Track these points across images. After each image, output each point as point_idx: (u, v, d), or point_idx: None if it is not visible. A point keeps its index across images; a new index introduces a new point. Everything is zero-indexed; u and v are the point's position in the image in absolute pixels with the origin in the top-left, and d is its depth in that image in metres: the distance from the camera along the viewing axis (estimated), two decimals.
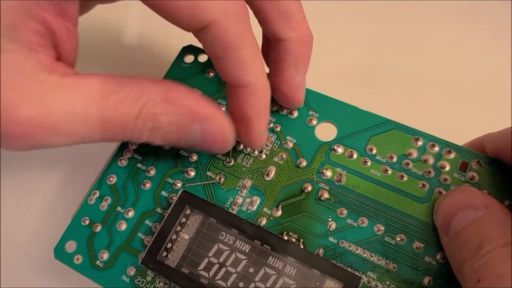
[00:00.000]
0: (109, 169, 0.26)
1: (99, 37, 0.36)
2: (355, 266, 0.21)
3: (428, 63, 0.32)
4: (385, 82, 0.31)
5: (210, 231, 0.23)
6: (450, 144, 0.23)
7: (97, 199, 0.25)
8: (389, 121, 0.24)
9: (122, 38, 0.35)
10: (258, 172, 0.24)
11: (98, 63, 0.34)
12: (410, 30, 0.33)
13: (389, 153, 0.23)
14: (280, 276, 0.21)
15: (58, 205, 0.29)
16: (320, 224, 0.22)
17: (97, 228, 0.24)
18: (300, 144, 0.24)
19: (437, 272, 0.21)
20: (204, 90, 0.26)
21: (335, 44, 0.33)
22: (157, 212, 0.24)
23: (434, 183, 0.22)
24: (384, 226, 0.22)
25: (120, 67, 0.34)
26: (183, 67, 0.27)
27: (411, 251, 0.21)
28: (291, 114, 0.25)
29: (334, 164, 0.24)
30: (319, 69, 0.32)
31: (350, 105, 0.25)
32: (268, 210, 0.23)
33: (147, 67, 0.34)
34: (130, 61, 0.34)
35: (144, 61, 0.34)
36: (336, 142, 0.24)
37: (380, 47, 0.33)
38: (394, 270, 0.21)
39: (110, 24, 0.36)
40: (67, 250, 0.24)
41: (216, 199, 0.24)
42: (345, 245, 0.22)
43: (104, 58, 0.35)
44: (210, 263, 0.22)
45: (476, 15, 0.33)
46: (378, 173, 0.23)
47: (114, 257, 0.24)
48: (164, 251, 0.22)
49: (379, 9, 0.34)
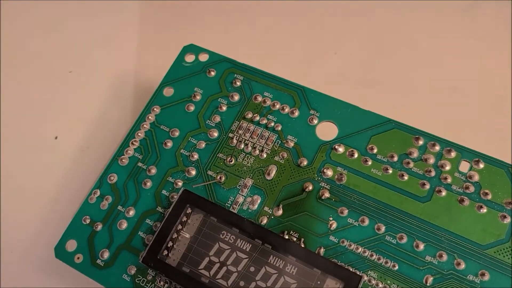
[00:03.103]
0: (110, 168, 0.26)
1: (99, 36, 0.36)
2: (356, 265, 0.21)
3: (428, 62, 0.32)
4: (385, 82, 0.31)
5: (211, 230, 0.23)
6: (450, 143, 0.23)
7: (98, 198, 0.25)
8: (390, 120, 0.24)
9: (122, 38, 0.35)
10: (259, 171, 0.24)
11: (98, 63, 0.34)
12: (410, 30, 0.33)
13: (390, 152, 0.23)
14: (281, 275, 0.21)
15: (59, 204, 0.29)
16: (321, 223, 0.22)
17: (97, 227, 0.24)
18: (301, 143, 0.24)
19: (438, 271, 0.21)
20: (205, 90, 0.27)
21: (335, 44, 0.33)
22: (158, 211, 0.24)
23: (435, 182, 0.22)
24: (384, 225, 0.22)
25: (120, 67, 0.34)
26: (184, 66, 0.27)
27: (411, 250, 0.21)
28: (292, 113, 0.25)
29: (335, 164, 0.24)
30: (319, 69, 0.32)
31: (351, 105, 0.25)
32: (269, 209, 0.23)
33: (148, 67, 0.34)
34: (130, 61, 0.34)
35: (144, 61, 0.34)
36: (337, 141, 0.24)
37: (380, 46, 0.33)
38: (394, 269, 0.21)
39: (110, 24, 0.36)
40: (68, 249, 0.24)
41: (217, 198, 0.24)
42: (346, 244, 0.22)
43: (104, 58, 0.35)
44: (211, 262, 0.22)
45: (476, 15, 0.33)
46: (379, 172, 0.23)
47: (115, 256, 0.24)
48: (165, 250, 0.22)
49: (379, 9, 0.34)
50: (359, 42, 0.33)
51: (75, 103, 0.33)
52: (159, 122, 0.26)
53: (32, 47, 0.36)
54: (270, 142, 0.25)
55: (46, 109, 0.33)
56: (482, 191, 0.22)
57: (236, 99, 0.26)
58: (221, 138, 0.25)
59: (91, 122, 0.32)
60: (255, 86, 0.26)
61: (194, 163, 0.25)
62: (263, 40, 0.34)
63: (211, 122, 0.26)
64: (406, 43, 0.33)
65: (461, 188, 0.22)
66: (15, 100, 0.33)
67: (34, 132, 0.32)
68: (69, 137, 0.32)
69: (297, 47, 0.34)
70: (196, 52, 0.28)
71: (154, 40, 0.35)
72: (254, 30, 0.35)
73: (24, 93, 0.34)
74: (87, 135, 0.31)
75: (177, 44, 0.28)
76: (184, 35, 0.34)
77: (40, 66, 0.35)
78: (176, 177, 0.25)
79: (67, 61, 0.35)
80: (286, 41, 0.34)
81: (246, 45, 0.34)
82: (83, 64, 0.35)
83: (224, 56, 0.27)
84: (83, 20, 0.37)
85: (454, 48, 0.32)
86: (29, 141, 0.32)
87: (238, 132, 0.25)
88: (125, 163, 0.26)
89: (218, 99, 0.26)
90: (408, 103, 0.30)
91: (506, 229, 0.21)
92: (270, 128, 0.25)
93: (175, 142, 0.26)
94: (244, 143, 0.25)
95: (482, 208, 0.21)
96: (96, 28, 0.36)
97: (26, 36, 0.36)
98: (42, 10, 0.37)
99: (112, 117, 0.32)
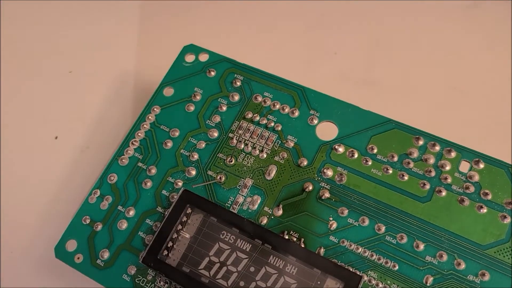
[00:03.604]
0: (110, 168, 0.26)
1: (99, 36, 0.36)
2: (356, 265, 0.21)
3: (428, 62, 0.32)
4: (385, 82, 0.31)
5: (211, 230, 0.23)
6: (451, 143, 0.23)
7: (98, 198, 0.25)
8: (390, 120, 0.24)
9: (123, 38, 0.35)
10: (259, 171, 0.24)
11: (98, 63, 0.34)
12: (410, 30, 0.33)
13: (390, 152, 0.23)
14: (281, 275, 0.21)
15: (59, 204, 0.29)
16: (321, 223, 0.22)
17: (98, 227, 0.24)
18: (301, 143, 0.24)
19: (438, 271, 0.21)
20: (205, 90, 0.27)
21: (335, 44, 0.33)
22: (158, 211, 0.24)
23: (435, 182, 0.22)
24: (385, 225, 0.22)
25: (121, 67, 0.34)
26: (184, 66, 0.27)
27: (412, 250, 0.21)
28: (292, 113, 0.25)
29: (335, 164, 0.24)
30: (319, 69, 0.32)
31: (351, 105, 0.25)
32: (269, 209, 0.23)
33: (148, 67, 0.34)
34: (130, 61, 0.34)
35: (144, 61, 0.34)
36: (337, 141, 0.24)
37: (380, 46, 0.33)
38: (395, 269, 0.21)
39: (110, 24, 0.36)
40: (68, 249, 0.24)
41: (217, 198, 0.24)
42: (346, 244, 0.22)
43: (104, 58, 0.35)
44: (211, 262, 0.22)
45: (476, 15, 0.33)
46: (379, 172, 0.23)
47: (115, 256, 0.24)
48: (165, 250, 0.22)
49: (379, 9, 0.34)
50: (359, 42, 0.33)
51: (75, 103, 0.33)
52: (159, 122, 0.26)
53: (32, 47, 0.36)
54: (270, 142, 0.25)
55: (46, 109, 0.33)
56: (482, 191, 0.22)
57: (236, 99, 0.26)
58: (221, 138, 0.25)
59: (91, 122, 0.32)
60: (255, 86, 0.26)
61: (194, 163, 0.25)
62: (263, 40, 0.34)
63: (211, 122, 0.26)
64: (406, 43, 0.33)
65: (461, 188, 0.22)
66: (15, 100, 0.33)
67: (34, 132, 0.32)
68: (69, 137, 0.32)
69: (297, 47, 0.34)
70: (196, 52, 0.28)
71: (154, 40, 0.35)
72: (254, 30, 0.35)
73: (24, 93, 0.34)
74: (87, 135, 0.31)
75: (177, 44, 0.28)
76: (184, 35, 0.34)
77: (40, 66, 0.35)
78: (176, 177, 0.25)
79: (67, 61, 0.35)
80: (286, 41, 0.34)
81: (246, 45, 0.34)
82: (83, 64, 0.35)
83: (224, 56, 0.27)
84: (83, 20, 0.37)
85: (454, 48, 0.32)
86: (29, 141, 0.32)
87: (238, 132, 0.25)
88: (125, 163, 0.26)
89: (218, 99, 0.26)
90: (408, 103, 0.30)
91: (506, 229, 0.21)
92: (270, 128, 0.25)
93: (175, 142, 0.26)
94: (244, 143, 0.25)
95: (482, 208, 0.21)
96: (96, 28, 0.36)
97: (26, 36, 0.36)
98: (42, 10, 0.37)
99: (112, 117, 0.32)
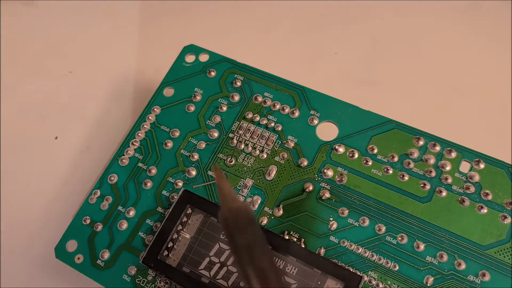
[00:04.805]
0: (110, 168, 0.26)
1: (99, 36, 0.36)
2: (356, 265, 0.21)
3: (428, 62, 0.32)
4: (385, 82, 0.31)
5: (211, 230, 0.23)
6: (451, 143, 0.23)
7: (98, 198, 0.25)
8: (390, 120, 0.24)
9: (123, 38, 0.35)
10: (259, 171, 0.24)
11: (98, 63, 0.34)
12: (410, 30, 0.33)
13: (390, 152, 0.23)
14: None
15: (59, 204, 0.29)
16: (321, 224, 0.22)
17: (98, 228, 0.24)
18: (301, 143, 0.24)
19: (438, 271, 0.21)
20: (205, 90, 0.27)
21: (335, 44, 0.33)
22: (158, 212, 0.24)
23: (435, 182, 0.22)
24: (385, 225, 0.22)
25: (120, 67, 0.34)
26: (184, 66, 0.27)
27: (412, 251, 0.21)
28: (292, 113, 0.25)
29: (335, 164, 0.24)
30: (319, 69, 0.32)
31: (351, 105, 0.25)
32: (269, 209, 0.23)
33: (148, 67, 0.34)
34: (130, 61, 0.34)
35: (144, 61, 0.34)
36: (337, 141, 0.24)
37: (380, 46, 0.33)
38: (395, 269, 0.21)
39: (110, 24, 0.36)
40: (68, 249, 0.24)
41: (217, 199, 0.24)
42: (346, 244, 0.22)
43: (104, 58, 0.35)
44: (211, 262, 0.22)
45: (475, 15, 0.33)
46: (379, 172, 0.23)
47: (115, 257, 0.24)
48: (165, 250, 0.22)
49: (379, 9, 0.34)
50: (359, 42, 0.33)
51: (75, 103, 0.33)
52: (159, 122, 0.26)
53: (32, 47, 0.36)
54: (270, 143, 0.25)
55: (46, 109, 0.33)
56: (482, 192, 0.22)
57: (236, 99, 0.26)
58: (221, 138, 0.25)
59: (91, 122, 0.32)
60: (255, 86, 0.26)
61: (194, 163, 0.25)
62: (263, 40, 0.34)
63: (211, 122, 0.26)
64: (406, 43, 0.33)
65: (462, 188, 0.22)
66: (15, 100, 0.33)
67: (34, 132, 0.32)
68: (69, 137, 0.32)
69: (297, 47, 0.34)
70: (196, 52, 0.28)
71: (154, 40, 0.35)
72: (254, 30, 0.35)
73: (24, 93, 0.34)
74: (87, 135, 0.31)
75: (177, 44, 0.28)
76: (184, 35, 0.34)
77: (40, 66, 0.35)
78: (176, 177, 0.25)
79: (67, 61, 0.35)
80: (286, 41, 0.34)
81: (246, 45, 0.34)
82: (83, 64, 0.35)
83: (224, 56, 0.27)
84: (83, 20, 0.37)
85: (454, 48, 0.32)
86: (29, 141, 0.32)
87: (238, 132, 0.25)
88: (125, 163, 0.25)
89: (218, 99, 0.26)
90: (408, 103, 0.30)
91: (507, 229, 0.21)
92: (271, 128, 0.25)
93: (175, 142, 0.26)
94: (245, 143, 0.25)
95: (483, 209, 0.21)
96: (96, 28, 0.36)
97: (26, 36, 0.36)
98: (42, 10, 0.37)
99: (112, 117, 0.32)
